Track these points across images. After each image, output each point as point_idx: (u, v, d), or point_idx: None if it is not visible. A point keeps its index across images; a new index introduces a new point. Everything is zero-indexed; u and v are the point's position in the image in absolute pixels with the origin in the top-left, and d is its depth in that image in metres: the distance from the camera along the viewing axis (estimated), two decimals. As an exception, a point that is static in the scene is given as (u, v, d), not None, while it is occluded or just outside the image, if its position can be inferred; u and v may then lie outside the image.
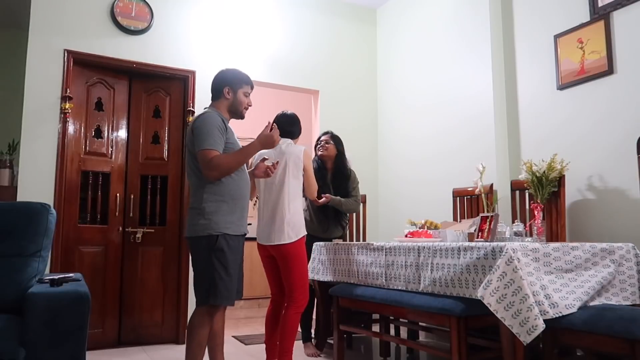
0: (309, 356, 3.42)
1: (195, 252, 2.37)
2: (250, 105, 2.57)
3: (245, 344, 3.89)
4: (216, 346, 2.47)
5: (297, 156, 2.85)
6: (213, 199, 2.34)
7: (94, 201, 3.84)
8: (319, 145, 3.70)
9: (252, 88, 2.58)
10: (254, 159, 2.89)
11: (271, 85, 4.64)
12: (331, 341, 3.32)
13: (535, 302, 2.03)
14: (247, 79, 2.56)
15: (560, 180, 3.05)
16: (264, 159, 2.67)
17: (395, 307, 2.66)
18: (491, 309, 2.05)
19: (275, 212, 2.79)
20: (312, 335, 3.62)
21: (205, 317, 2.31)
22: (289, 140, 2.93)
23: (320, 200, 3.36)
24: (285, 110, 3.07)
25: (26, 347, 1.92)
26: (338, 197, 3.53)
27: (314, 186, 2.98)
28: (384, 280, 2.76)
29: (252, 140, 2.49)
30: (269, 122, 2.46)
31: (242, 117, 2.57)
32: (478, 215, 2.94)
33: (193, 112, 4.09)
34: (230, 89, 2.50)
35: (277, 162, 2.68)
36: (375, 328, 3.64)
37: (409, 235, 2.86)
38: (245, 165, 2.51)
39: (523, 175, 3.14)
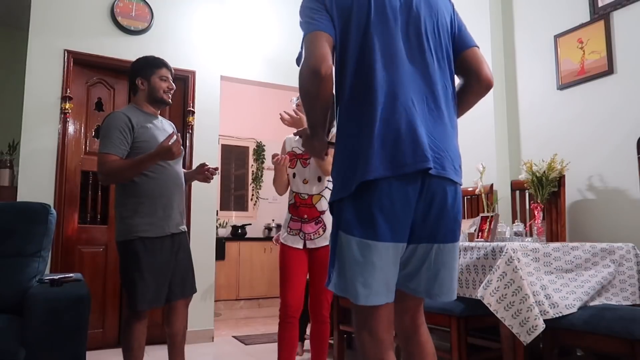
0: None
1: (119, 256, 2.32)
2: (171, 89, 2.42)
3: (246, 344, 3.89)
4: (174, 346, 2.40)
5: None
6: (129, 202, 2.26)
7: (94, 201, 3.84)
8: None
9: (169, 70, 2.42)
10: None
11: (271, 85, 4.64)
12: (331, 341, 3.32)
13: (536, 302, 2.03)
14: (158, 62, 2.41)
15: (560, 180, 3.05)
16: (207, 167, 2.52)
17: (395, 307, 2.66)
18: (491, 309, 2.05)
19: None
20: (306, 335, 3.62)
21: (129, 320, 2.27)
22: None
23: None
24: None
25: (26, 347, 1.92)
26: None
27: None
28: (384, 280, 2.75)
29: (250, 140, 2.44)
30: (172, 132, 2.25)
31: (165, 102, 2.42)
32: (478, 215, 2.94)
33: (193, 112, 4.09)
34: (142, 79, 2.37)
35: (217, 169, 2.53)
36: (375, 328, 3.63)
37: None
38: (169, 161, 2.33)
39: (523, 175, 3.14)
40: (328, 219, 2.44)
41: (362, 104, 1.31)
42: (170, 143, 2.20)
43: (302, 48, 1.34)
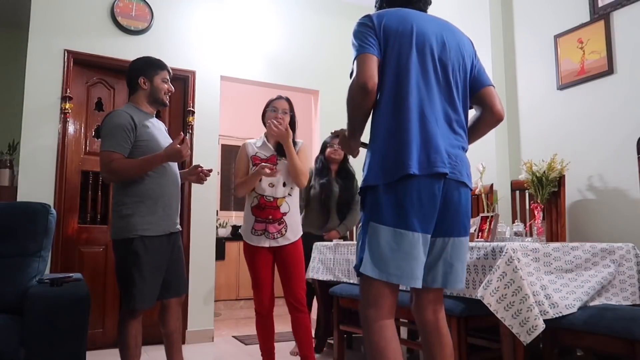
0: (291, 354, 3.44)
1: (115, 255, 2.33)
2: (171, 91, 2.45)
3: (245, 344, 3.89)
4: (171, 345, 2.43)
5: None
6: (130, 201, 2.26)
7: (94, 201, 3.84)
8: (329, 148, 3.69)
9: (169, 73, 2.46)
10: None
11: (271, 85, 4.64)
12: (331, 341, 3.32)
13: (536, 302, 2.02)
14: (161, 64, 2.44)
15: (560, 180, 3.05)
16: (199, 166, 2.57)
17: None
18: (491, 309, 2.05)
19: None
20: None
21: (124, 319, 2.28)
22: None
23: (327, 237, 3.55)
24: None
25: (26, 347, 1.93)
26: (342, 225, 3.63)
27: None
28: (384, 280, 2.75)
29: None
30: (180, 134, 2.29)
31: (164, 104, 2.46)
32: (478, 215, 2.94)
33: (193, 112, 4.09)
34: (145, 78, 2.38)
35: (210, 170, 2.59)
36: (375, 328, 3.63)
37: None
38: (169, 161, 2.36)
39: (523, 175, 3.14)
40: (290, 220, 2.66)
41: (398, 114, 1.60)
42: (179, 145, 2.22)
43: (353, 65, 1.63)
